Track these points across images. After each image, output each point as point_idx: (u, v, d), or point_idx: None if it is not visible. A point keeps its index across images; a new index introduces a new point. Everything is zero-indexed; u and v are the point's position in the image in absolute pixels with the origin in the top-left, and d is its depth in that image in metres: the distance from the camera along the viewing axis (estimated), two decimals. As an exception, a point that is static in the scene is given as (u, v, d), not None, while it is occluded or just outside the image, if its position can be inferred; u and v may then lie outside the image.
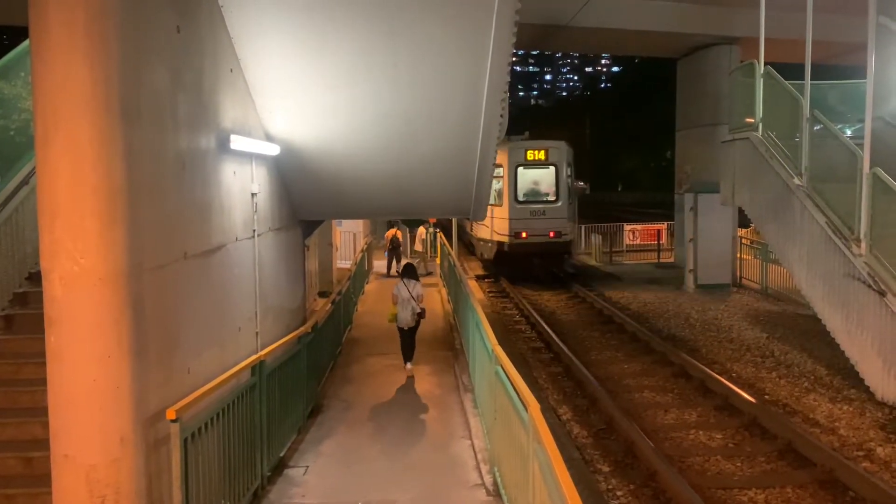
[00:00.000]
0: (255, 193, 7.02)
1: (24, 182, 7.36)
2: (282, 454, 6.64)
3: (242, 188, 6.56)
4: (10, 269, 6.82)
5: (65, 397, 3.93)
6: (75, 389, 3.91)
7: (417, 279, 10.50)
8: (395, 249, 21.00)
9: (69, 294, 3.88)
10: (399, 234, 21.20)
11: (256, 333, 6.97)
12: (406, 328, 10.32)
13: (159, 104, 4.55)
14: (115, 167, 3.97)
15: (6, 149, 7.74)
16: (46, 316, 3.92)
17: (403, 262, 14.83)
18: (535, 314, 15.86)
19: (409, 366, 10.31)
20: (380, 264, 22.59)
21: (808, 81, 10.98)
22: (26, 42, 7.56)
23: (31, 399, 5.91)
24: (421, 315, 10.33)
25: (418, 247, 22.48)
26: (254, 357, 5.88)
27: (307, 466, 6.51)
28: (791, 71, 12.34)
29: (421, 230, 22.67)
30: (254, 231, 6.95)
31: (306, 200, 9.35)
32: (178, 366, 4.69)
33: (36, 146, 3.93)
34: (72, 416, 3.94)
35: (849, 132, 12.75)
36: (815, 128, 10.86)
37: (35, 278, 6.95)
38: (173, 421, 4.18)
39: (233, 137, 5.96)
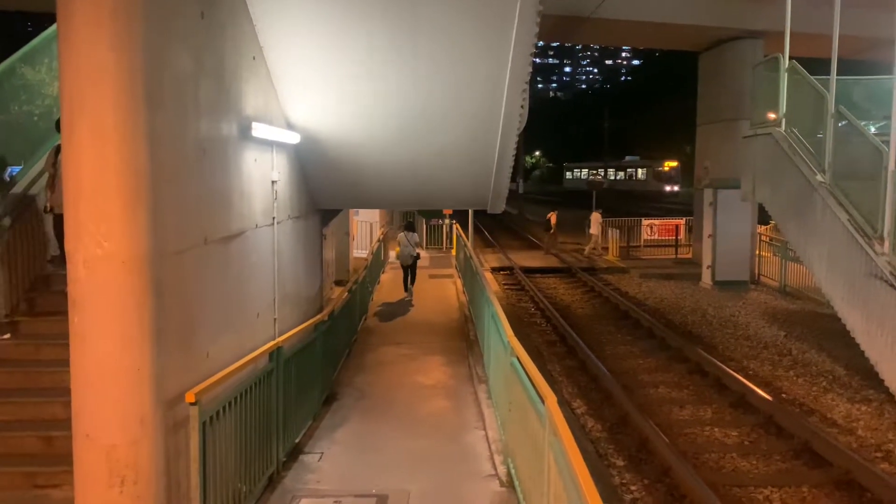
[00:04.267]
0: (275, 181, 7.05)
1: (48, 166, 7.43)
2: (297, 440, 6.69)
3: (263, 175, 6.59)
4: (34, 251, 6.90)
5: (87, 378, 3.98)
6: (97, 371, 3.96)
7: (415, 232, 16.30)
8: (549, 227, 26.42)
9: (92, 276, 3.93)
10: (554, 216, 26.06)
11: (274, 320, 7.02)
12: (405, 265, 15.69)
13: (182, 90, 4.57)
14: (138, 152, 4.00)
15: (31, 133, 7.83)
16: (70, 298, 3.97)
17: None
18: (550, 307, 15.83)
19: (409, 294, 15.68)
20: (395, 254, 22.62)
21: (833, 77, 10.82)
22: (51, 28, 7.65)
23: (51, 379, 5.99)
24: (417, 257, 15.74)
25: (594, 230, 25.34)
26: (271, 343, 5.92)
27: (322, 453, 6.55)
28: (815, 65, 12.16)
29: (596, 215, 25.33)
30: (273, 218, 6.99)
31: (325, 189, 9.39)
32: (197, 350, 4.73)
33: (62, 130, 3.96)
34: (93, 396, 3.99)
35: (873, 129, 12.55)
36: (840, 124, 10.71)
37: (57, 261, 7.03)
38: (192, 404, 4.21)
39: (254, 125, 5.99)
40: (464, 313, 13.80)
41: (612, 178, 69.47)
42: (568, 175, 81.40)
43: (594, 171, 71.10)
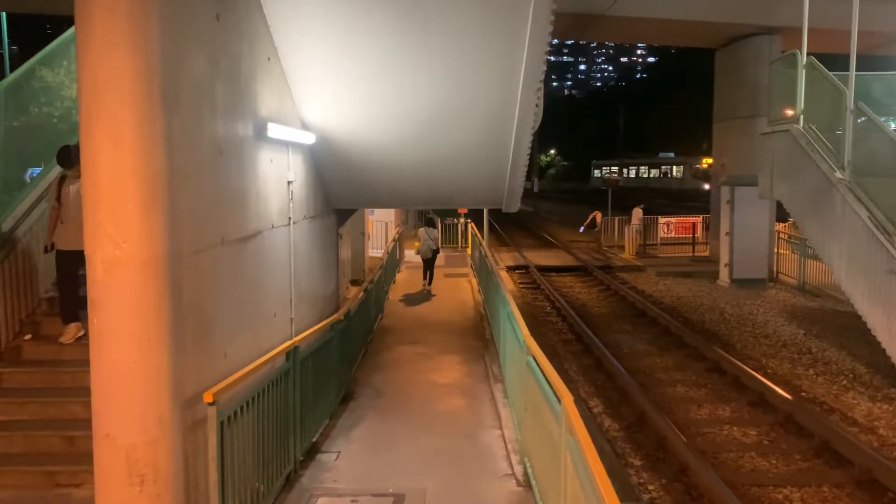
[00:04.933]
0: (291, 181, 7.08)
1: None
2: (314, 439, 6.72)
3: (279, 176, 6.62)
4: (53, 252, 6.98)
5: (106, 378, 4.02)
6: (116, 371, 3.99)
7: (435, 227, 17.19)
8: (593, 226, 26.10)
9: (111, 277, 3.96)
10: (599, 215, 25.83)
11: (291, 320, 7.05)
12: (425, 259, 16.47)
13: (198, 92, 4.60)
14: (154, 153, 4.02)
15: (50, 135, 7.93)
16: (90, 299, 4.01)
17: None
18: (566, 306, 15.77)
19: (428, 285, 16.54)
20: (411, 253, 22.68)
21: (852, 72, 10.68)
22: (69, 31, 7.73)
23: (72, 379, 6.08)
24: (436, 251, 16.68)
25: (635, 221, 25.19)
26: (288, 343, 5.94)
27: (339, 452, 6.58)
28: (834, 61, 12.01)
29: (637, 210, 25.06)
30: (289, 218, 7.02)
31: (340, 189, 9.42)
32: (214, 350, 4.76)
33: (80, 132, 4.00)
34: (113, 396, 4.02)
35: (893, 125, 12.39)
36: (859, 120, 10.58)
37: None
38: (210, 404, 4.23)
39: (270, 125, 6.02)
40: (479, 312, 13.80)
41: (646, 175, 66.74)
42: (596, 173, 78.82)
43: (612, 170, 69.22)
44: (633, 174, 70.27)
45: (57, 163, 6.79)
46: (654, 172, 65.97)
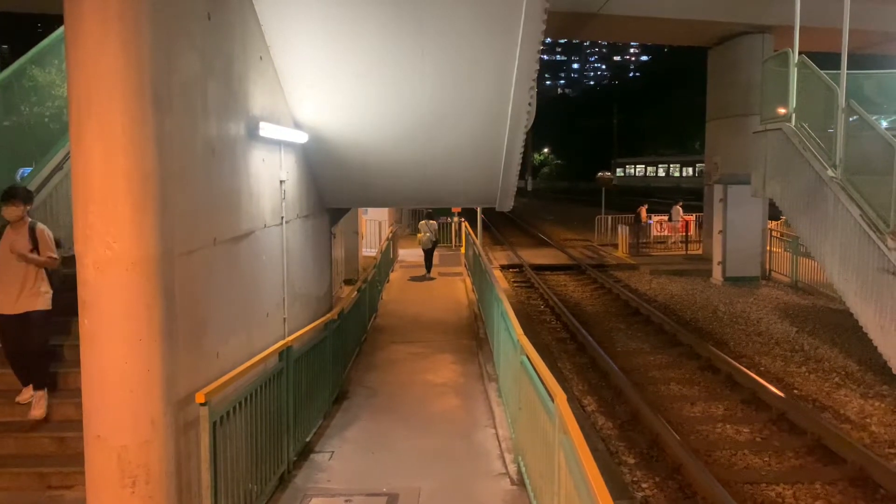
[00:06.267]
0: (284, 181, 7.06)
1: (58, 167, 7.49)
2: (308, 439, 6.70)
3: (271, 175, 6.60)
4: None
5: (97, 379, 4.00)
6: (108, 372, 3.96)
7: (435, 220, 18.73)
8: (638, 221, 26.17)
9: (102, 278, 3.93)
10: (644, 210, 26.40)
11: (284, 319, 7.03)
12: (426, 249, 18.29)
13: (190, 91, 4.58)
14: (146, 153, 4.00)
15: (41, 134, 7.89)
16: (80, 300, 3.98)
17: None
18: (560, 304, 15.79)
19: (429, 272, 18.34)
20: (404, 252, 22.69)
21: (844, 71, 10.72)
22: (60, 30, 7.69)
23: (63, 380, 6.05)
24: (436, 242, 18.52)
25: (676, 218, 25.87)
26: (281, 343, 5.92)
27: (332, 452, 6.56)
28: (826, 60, 12.06)
29: (677, 208, 25.93)
30: (282, 218, 7.00)
31: (333, 188, 9.40)
32: (207, 350, 4.74)
33: (70, 132, 3.97)
34: (104, 397, 4.00)
35: (885, 123, 12.44)
36: (851, 119, 10.61)
37: (67, 262, 7.04)
38: (202, 404, 4.21)
39: (262, 125, 6.00)
40: (473, 311, 13.80)
41: (678, 174, 63.89)
42: (619, 172, 75.93)
43: (637, 167, 67.06)
44: (661, 172, 68.20)
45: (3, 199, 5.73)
46: (688, 171, 62.50)
